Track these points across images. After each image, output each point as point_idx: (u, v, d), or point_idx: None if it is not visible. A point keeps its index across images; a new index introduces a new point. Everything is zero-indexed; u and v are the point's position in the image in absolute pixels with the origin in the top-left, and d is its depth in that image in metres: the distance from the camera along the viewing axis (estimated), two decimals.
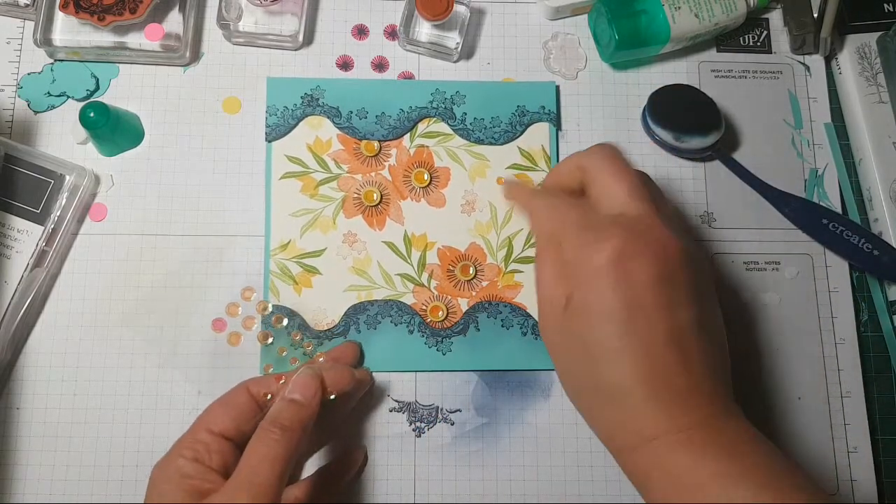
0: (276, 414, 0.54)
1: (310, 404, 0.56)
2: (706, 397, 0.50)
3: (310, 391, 0.56)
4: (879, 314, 0.71)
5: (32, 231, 0.66)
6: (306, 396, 0.56)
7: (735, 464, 0.48)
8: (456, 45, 0.72)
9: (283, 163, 0.69)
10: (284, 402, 0.56)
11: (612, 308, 0.50)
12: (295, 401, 0.55)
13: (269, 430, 0.53)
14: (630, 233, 0.52)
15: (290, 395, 0.56)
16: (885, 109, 0.74)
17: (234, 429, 0.55)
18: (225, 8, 0.70)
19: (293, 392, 0.56)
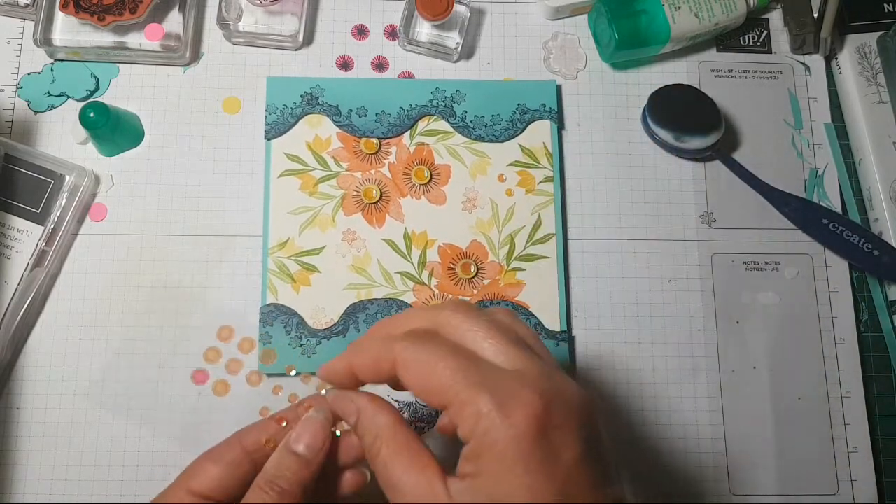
0: (275, 469, 0.48)
1: (314, 461, 0.48)
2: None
3: (317, 442, 0.49)
4: (879, 314, 0.71)
5: (32, 231, 0.66)
6: (312, 449, 0.48)
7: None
8: (456, 45, 0.72)
9: (283, 161, 0.69)
10: (286, 454, 0.48)
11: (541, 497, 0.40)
12: (298, 454, 0.48)
13: (265, 490, 0.47)
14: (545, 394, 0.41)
15: (294, 447, 0.48)
16: (885, 109, 0.74)
17: (219, 488, 0.49)
18: (225, 8, 0.71)
19: (298, 441, 0.49)
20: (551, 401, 0.41)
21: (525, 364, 0.43)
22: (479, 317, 0.45)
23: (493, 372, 0.42)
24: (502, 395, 0.41)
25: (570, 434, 0.41)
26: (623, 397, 0.68)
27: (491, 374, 0.42)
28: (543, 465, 0.40)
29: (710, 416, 0.68)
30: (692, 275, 0.70)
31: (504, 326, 0.45)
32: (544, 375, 0.42)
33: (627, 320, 0.69)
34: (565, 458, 0.40)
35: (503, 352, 0.43)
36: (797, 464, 0.67)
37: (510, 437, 0.40)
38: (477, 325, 0.45)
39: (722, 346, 0.69)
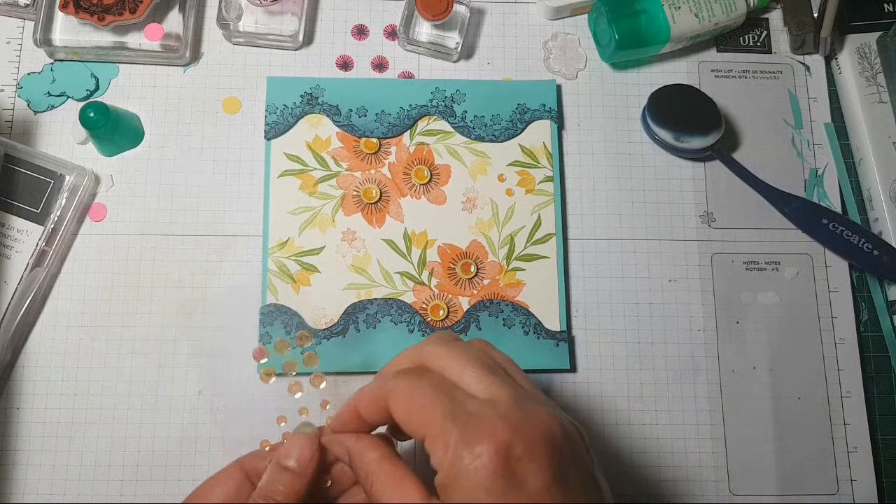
0: (268, 484, 0.50)
1: (304, 473, 0.50)
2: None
3: (305, 457, 0.51)
4: (879, 314, 0.71)
5: (32, 231, 0.66)
6: (301, 463, 0.50)
7: None
8: (456, 45, 0.72)
9: (282, 160, 0.69)
10: (277, 469, 0.51)
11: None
12: (287, 468, 0.50)
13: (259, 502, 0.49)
14: (511, 423, 0.42)
15: (284, 462, 0.51)
16: (885, 109, 0.74)
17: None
18: (225, 8, 0.71)
19: (287, 457, 0.51)
20: (517, 431, 0.42)
21: (498, 392, 0.44)
22: (458, 347, 0.48)
23: (466, 403, 0.44)
24: (470, 427, 0.42)
25: (536, 463, 0.42)
26: (623, 397, 0.68)
27: (463, 406, 0.44)
28: (506, 496, 0.41)
29: (710, 416, 0.68)
30: (692, 275, 0.70)
31: (482, 355, 0.48)
32: (515, 404, 0.44)
33: (627, 320, 0.69)
34: (531, 488, 0.41)
35: (480, 380, 0.45)
36: (797, 464, 0.67)
37: (473, 469, 0.41)
38: (456, 355, 0.47)
39: (722, 346, 0.69)
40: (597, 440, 0.66)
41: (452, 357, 0.47)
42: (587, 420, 0.67)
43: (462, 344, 0.48)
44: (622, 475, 0.66)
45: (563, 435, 0.44)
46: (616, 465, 0.66)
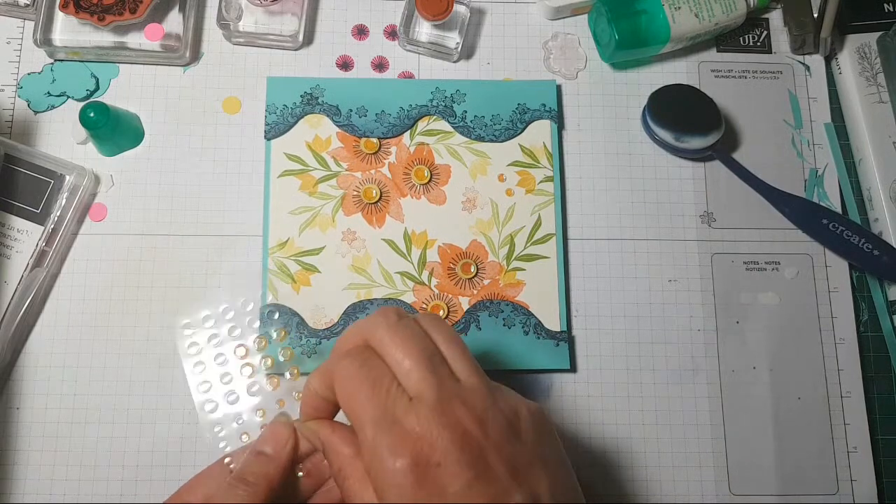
0: (242, 468, 0.52)
1: (278, 456, 0.52)
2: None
3: (279, 442, 0.53)
4: (879, 314, 0.71)
5: (32, 231, 0.66)
6: (276, 448, 0.53)
7: None
8: (456, 45, 0.72)
9: (282, 161, 0.69)
10: (252, 454, 0.53)
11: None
12: (263, 453, 0.53)
13: (234, 485, 0.51)
14: (424, 430, 0.44)
15: (259, 448, 0.53)
16: (885, 109, 0.74)
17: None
18: (225, 8, 0.71)
19: (263, 444, 0.53)
20: (433, 438, 0.44)
21: (425, 390, 0.46)
22: (400, 332, 0.48)
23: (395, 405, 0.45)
24: (392, 436, 0.44)
25: (454, 466, 0.43)
26: (623, 397, 0.68)
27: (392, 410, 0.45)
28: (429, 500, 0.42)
29: (710, 416, 0.68)
30: (692, 275, 0.70)
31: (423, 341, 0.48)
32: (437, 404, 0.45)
33: (627, 320, 0.69)
34: (453, 490, 0.43)
35: (413, 372, 0.46)
36: (797, 464, 0.67)
37: (394, 480, 0.43)
38: (396, 342, 0.48)
39: (722, 346, 0.69)
40: (597, 440, 0.66)
41: (393, 344, 0.48)
42: (587, 420, 0.67)
43: (405, 327, 0.49)
44: (622, 475, 0.66)
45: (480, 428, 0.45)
46: (616, 465, 0.66)
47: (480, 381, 0.48)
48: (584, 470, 0.66)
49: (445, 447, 0.43)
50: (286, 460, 0.53)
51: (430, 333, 0.49)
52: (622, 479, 0.66)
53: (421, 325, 0.49)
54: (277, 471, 0.52)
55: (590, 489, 0.65)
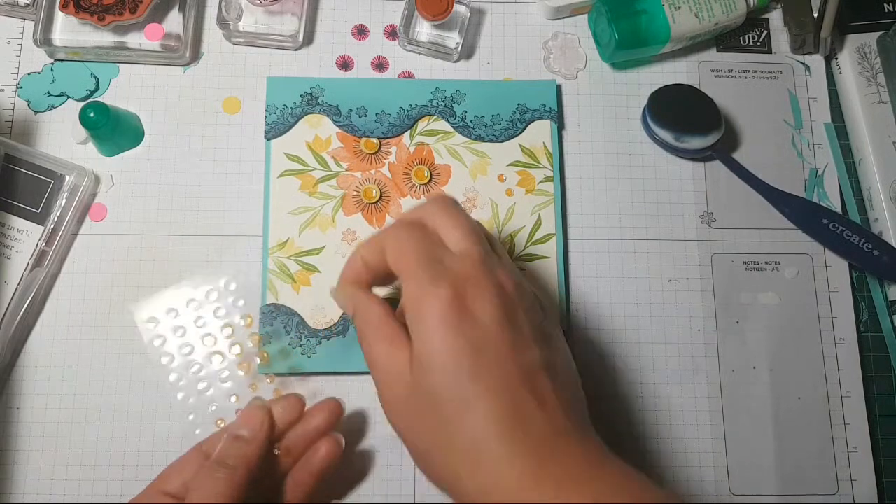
0: (220, 452, 0.55)
1: (255, 438, 0.56)
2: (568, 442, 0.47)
3: (255, 423, 0.56)
4: (879, 314, 0.71)
5: (32, 231, 0.66)
6: (252, 430, 0.56)
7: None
8: (456, 45, 0.72)
9: (282, 161, 0.69)
10: (230, 438, 0.56)
11: (458, 354, 0.47)
12: (240, 437, 0.56)
13: (213, 467, 0.53)
14: (467, 273, 0.49)
15: (237, 431, 0.56)
16: (885, 109, 0.74)
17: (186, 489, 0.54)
18: (225, 8, 0.71)
19: (240, 427, 0.56)
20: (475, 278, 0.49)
21: (470, 248, 0.51)
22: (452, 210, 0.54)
23: (442, 254, 0.51)
24: (435, 272, 0.49)
25: (486, 303, 0.48)
26: (623, 397, 0.68)
27: (438, 256, 0.50)
28: (459, 326, 0.47)
29: (710, 416, 0.68)
30: (692, 275, 0.70)
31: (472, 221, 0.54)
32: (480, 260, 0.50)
33: (627, 320, 0.69)
34: (482, 321, 0.48)
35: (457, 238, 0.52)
36: (797, 464, 0.67)
37: (432, 304, 0.48)
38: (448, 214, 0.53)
39: (722, 346, 0.69)
40: None
41: (446, 216, 0.53)
42: None
43: (459, 210, 0.54)
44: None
45: (515, 290, 0.51)
46: None
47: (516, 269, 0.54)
48: None
49: (483, 288, 0.49)
50: (263, 441, 0.56)
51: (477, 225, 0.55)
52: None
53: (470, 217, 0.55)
54: (255, 452, 0.55)
55: None
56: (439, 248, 0.51)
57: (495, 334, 0.48)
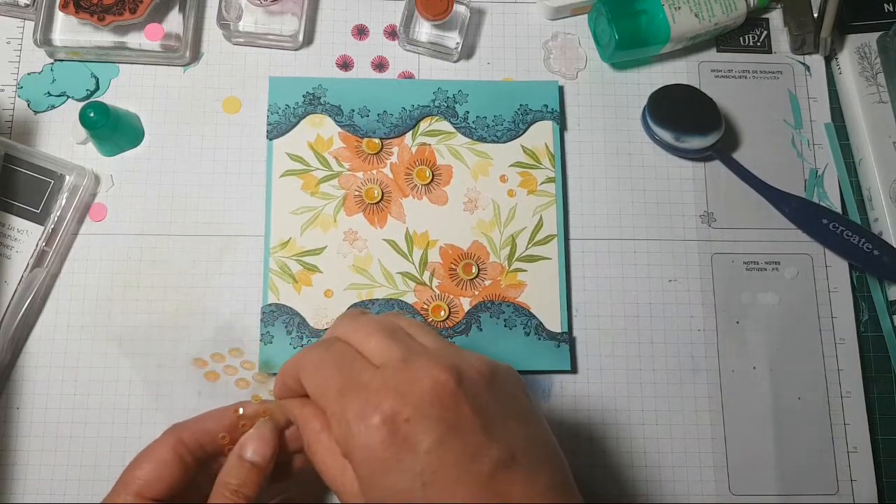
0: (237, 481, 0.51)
1: (267, 465, 0.52)
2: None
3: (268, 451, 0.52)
4: (879, 314, 0.71)
5: (32, 231, 0.66)
6: (265, 457, 0.52)
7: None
8: (456, 45, 0.72)
9: (284, 160, 0.69)
10: (245, 464, 0.52)
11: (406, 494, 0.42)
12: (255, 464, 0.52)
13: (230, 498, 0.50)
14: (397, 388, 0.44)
15: (250, 457, 0.52)
16: (885, 109, 0.74)
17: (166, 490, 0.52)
18: (225, 8, 0.71)
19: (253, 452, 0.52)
20: (403, 394, 0.43)
21: (390, 355, 0.46)
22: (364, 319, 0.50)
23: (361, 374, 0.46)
24: (360, 400, 0.44)
25: (425, 421, 0.43)
26: (623, 397, 0.68)
27: (358, 378, 0.46)
28: (400, 461, 0.42)
29: (710, 416, 0.68)
30: (692, 275, 0.70)
31: (386, 323, 0.49)
32: (405, 366, 0.45)
33: (627, 320, 0.69)
34: (425, 446, 0.42)
35: (380, 346, 0.47)
36: (797, 464, 0.67)
37: (365, 442, 0.43)
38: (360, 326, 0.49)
39: (722, 346, 0.69)
40: (597, 440, 0.67)
41: (358, 328, 0.49)
42: (588, 420, 0.67)
43: (367, 316, 0.51)
44: (622, 475, 0.66)
45: (451, 379, 0.44)
46: (616, 465, 0.66)
47: (449, 345, 0.49)
48: (584, 470, 0.66)
49: (416, 399, 0.43)
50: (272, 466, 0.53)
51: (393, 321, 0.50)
52: (622, 480, 0.66)
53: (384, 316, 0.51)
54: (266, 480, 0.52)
55: (590, 489, 0.65)
56: (358, 365, 0.47)
57: (440, 458, 0.42)
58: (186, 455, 0.52)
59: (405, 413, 0.43)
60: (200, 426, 0.54)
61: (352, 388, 0.45)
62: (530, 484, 0.44)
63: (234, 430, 0.54)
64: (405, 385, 0.44)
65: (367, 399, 0.44)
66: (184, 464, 0.52)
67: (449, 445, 0.43)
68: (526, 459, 0.44)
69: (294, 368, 0.50)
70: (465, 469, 0.42)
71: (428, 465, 0.42)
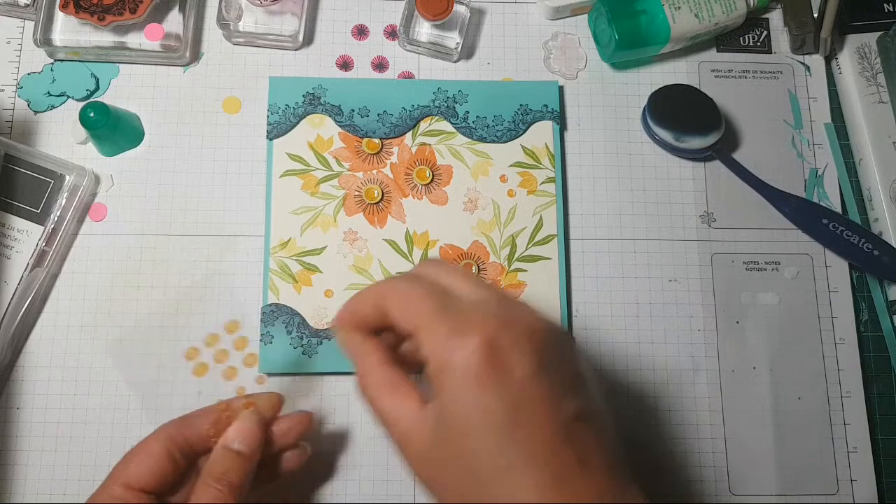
0: (221, 468, 0.53)
1: (253, 455, 0.54)
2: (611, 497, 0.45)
3: (253, 441, 0.54)
4: (879, 314, 0.72)
5: (32, 231, 0.66)
6: (250, 447, 0.54)
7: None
8: (456, 45, 0.72)
9: (284, 160, 0.69)
10: (229, 453, 0.54)
11: (495, 417, 0.43)
12: (241, 453, 0.54)
13: (214, 486, 0.52)
14: (492, 321, 0.45)
15: (235, 446, 0.54)
16: (885, 109, 0.74)
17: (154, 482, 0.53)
18: (225, 8, 0.71)
19: (238, 441, 0.54)
20: (504, 325, 0.45)
21: (486, 295, 0.48)
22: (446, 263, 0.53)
23: (456, 302, 0.47)
24: (461, 321, 0.45)
25: (522, 354, 0.44)
26: (623, 397, 0.68)
27: (454, 304, 0.47)
28: (494, 381, 0.43)
29: (710, 416, 0.68)
30: (692, 275, 0.70)
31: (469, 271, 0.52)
32: (502, 305, 0.47)
33: (627, 320, 0.69)
34: (518, 374, 0.44)
35: (469, 288, 0.48)
36: (797, 464, 0.67)
37: (464, 358, 0.44)
38: (450, 268, 0.51)
39: (722, 346, 0.69)
40: None
41: (445, 269, 0.50)
42: None
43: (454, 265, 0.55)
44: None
45: (549, 332, 0.46)
46: None
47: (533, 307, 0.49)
48: None
49: (515, 333, 0.45)
50: (258, 457, 0.55)
51: None
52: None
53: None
54: (251, 468, 0.54)
55: None
56: (452, 296, 0.48)
57: (531, 389, 0.44)
58: (175, 450, 0.54)
59: (505, 341, 0.44)
60: (188, 422, 0.56)
61: (449, 312, 0.46)
62: (599, 448, 0.45)
63: (220, 424, 0.55)
64: (504, 318, 0.45)
65: (467, 322, 0.45)
66: (172, 458, 0.54)
67: (542, 382, 0.44)
68: (597, 421, 0.46)
69: (375, 295, 0.50)
70: (552, 407, 0.44)
71: (522, 392, 0.44)
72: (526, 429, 0.43)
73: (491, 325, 0.44)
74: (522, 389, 0.44)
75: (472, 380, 0.44)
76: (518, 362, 0.44)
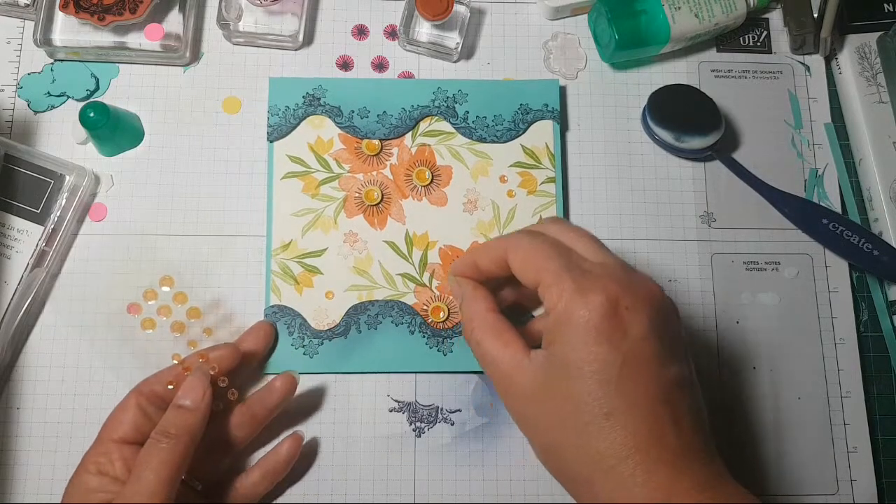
0: (164, 422, 0.56)
1: (198, 408, 0.57)
2: (698, 458, 0.49)
3: (198, 394, 0.57)
4: (879, 314, 0.72)
5: (32, 231, 0.66)
6: (195, 400, 0.57)
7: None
8: (456, 45, 0.72)
9: (285, 162, 0.69)
10: (173, 409, 0.57)
11: (608, 367, 0.48)
12: (183, 407, 0.56)
13: (157, 438, 0.55)
14: (615, 282, 0.50)
15: (180, 402, 0.57)
16: (885, 109, 0.74)
17: (131, 432, 0.57)
18: (225, 8, 0.70)
19: (183, 397, 0.57)
20: (626, 287, 0.50)
21: (609, 259, 0.53)
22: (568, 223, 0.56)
23: (580, 262, 0.52)
24: (585, 279, 0.50)
25: (638, 315, 0.49)
26: None
27: (578, 263, 0.52)
28: (611, 337, 0.48)
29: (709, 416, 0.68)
30: (692, 275, 0.70)
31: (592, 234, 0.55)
32: (622, 269, 0.52)
33: None
34: (632, 334, 0.49)
35: (592, 250, 0.53)
36: (797, 464, 0.67)
37: (586, 313, 0.49)
38: (573, 228, 0.55)
39: (722, 346, 0.69)
40: None
41: (568, 229, 0.55)
42: None
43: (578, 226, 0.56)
44: None
45: (663, 300, 0.52)
46: None
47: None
48: None
49: (634, 295, 0.50)
50: (205, 411, 0.57)
51: None
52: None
53: None
54: (198, 422, 0.56)
55: None
56: (575, 255, 0.53)
57: (644, 348, 0.49)
58: (145, 403, 0.58)
59: (625, 301, 0.49)
60: (156, 378, 0.60)
61: (574, 269, 0.51)
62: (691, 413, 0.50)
63: (179, 379, 0.59)
64: (626, 281, 0.50)
65: (592, 280, 0.50)
66: (142, 410, 0.58)
67: (653, 344, 0.49)
68: (692, 391, 0.51)
69: (498, 248, 0.56)
70: (656, 370, 0.49)
71: (633, 350, 0.48)
72: (631, 383, 0.48)
73: (615, 287, 0.49)
74: (634, 348, 0.48)
75: (592, 332, 0.48)
76: (635, 322, 0.49)
